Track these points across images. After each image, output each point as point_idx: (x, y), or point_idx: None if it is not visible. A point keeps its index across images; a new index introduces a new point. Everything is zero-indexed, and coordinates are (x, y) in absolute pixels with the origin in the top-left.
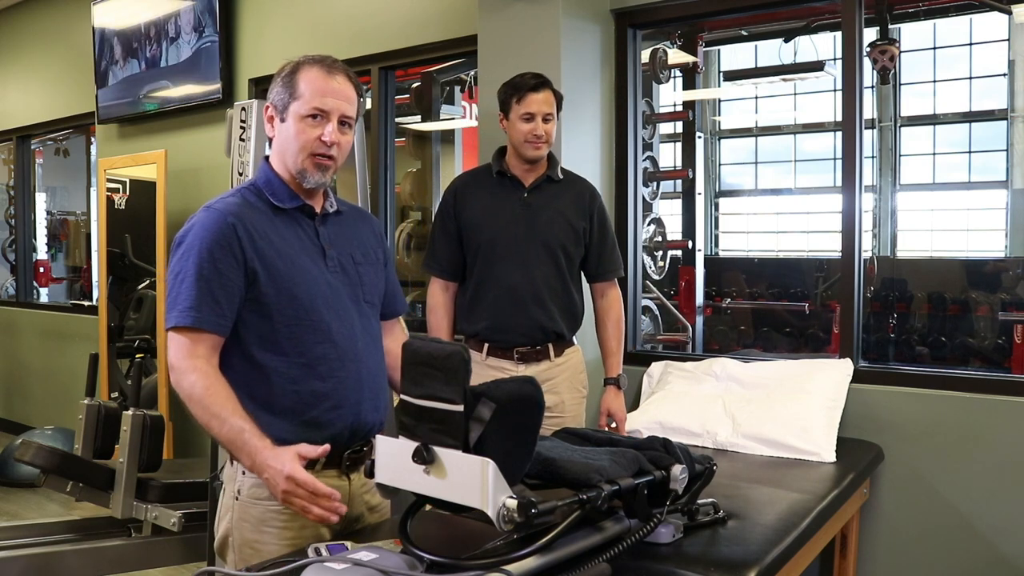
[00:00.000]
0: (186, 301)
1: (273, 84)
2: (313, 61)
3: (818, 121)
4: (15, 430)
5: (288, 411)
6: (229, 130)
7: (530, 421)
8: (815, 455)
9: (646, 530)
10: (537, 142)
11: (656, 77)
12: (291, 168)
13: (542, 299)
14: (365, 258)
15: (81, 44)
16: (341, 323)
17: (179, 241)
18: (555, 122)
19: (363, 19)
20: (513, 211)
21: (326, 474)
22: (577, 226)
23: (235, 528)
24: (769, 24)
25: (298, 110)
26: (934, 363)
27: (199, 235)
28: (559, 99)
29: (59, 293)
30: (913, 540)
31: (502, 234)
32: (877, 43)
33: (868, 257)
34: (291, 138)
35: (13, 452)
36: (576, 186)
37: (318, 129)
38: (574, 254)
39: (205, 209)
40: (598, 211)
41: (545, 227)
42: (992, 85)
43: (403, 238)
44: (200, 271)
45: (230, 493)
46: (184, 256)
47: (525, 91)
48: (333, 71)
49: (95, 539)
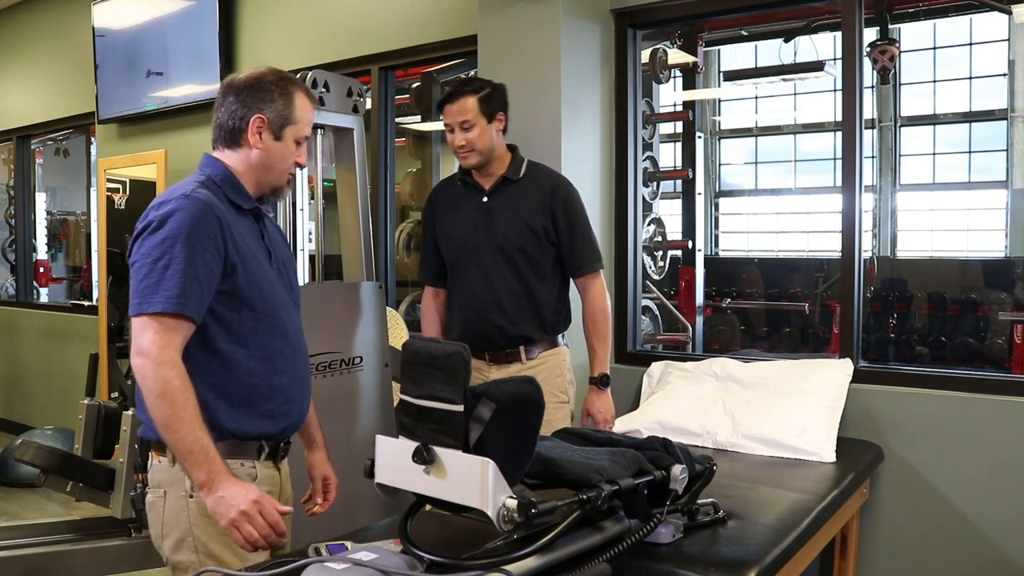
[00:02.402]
0: (174, 288)
1: (261, 96)
2: (302, 88)
3: (818, 121)
4: (15, 430)
5: (247, 402)
6: None
7: (530, 421)
8: (815, 455)
9: (646, 530)
10: (461, 151)
11: (656, 77)
12: (272, 182)
13: (502, 306)
14: (289, 261)
15: (81, 44)
16: (290, 320)
17: (155, 225)
18: (482, 126)
19: (363, 19)
20: (473, 218)
21: (265, 464)
22: (535, 225)
23: (196, 527)
24: (769, 24)
25: (295, 134)
26: (934, 363)
27: (186, 222)
28: (492, 99)
29: (59, 293)
30: (913, 540)
31: (464, 243)
32: (877, 43)
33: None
34: (285, 157)
35: (13, 452)
36: (537, 181)
37: (298, 152)
38: (536, 255)
39: (184, 197)
40: (562, 204)
41: (501, 232)
42: (992, 85)
43: (403, 238)
44: (189, 259)
45: (176, 494)
46: (168, 242)
47: (441, 104)
48: (314, 101)
49: (95, 539)
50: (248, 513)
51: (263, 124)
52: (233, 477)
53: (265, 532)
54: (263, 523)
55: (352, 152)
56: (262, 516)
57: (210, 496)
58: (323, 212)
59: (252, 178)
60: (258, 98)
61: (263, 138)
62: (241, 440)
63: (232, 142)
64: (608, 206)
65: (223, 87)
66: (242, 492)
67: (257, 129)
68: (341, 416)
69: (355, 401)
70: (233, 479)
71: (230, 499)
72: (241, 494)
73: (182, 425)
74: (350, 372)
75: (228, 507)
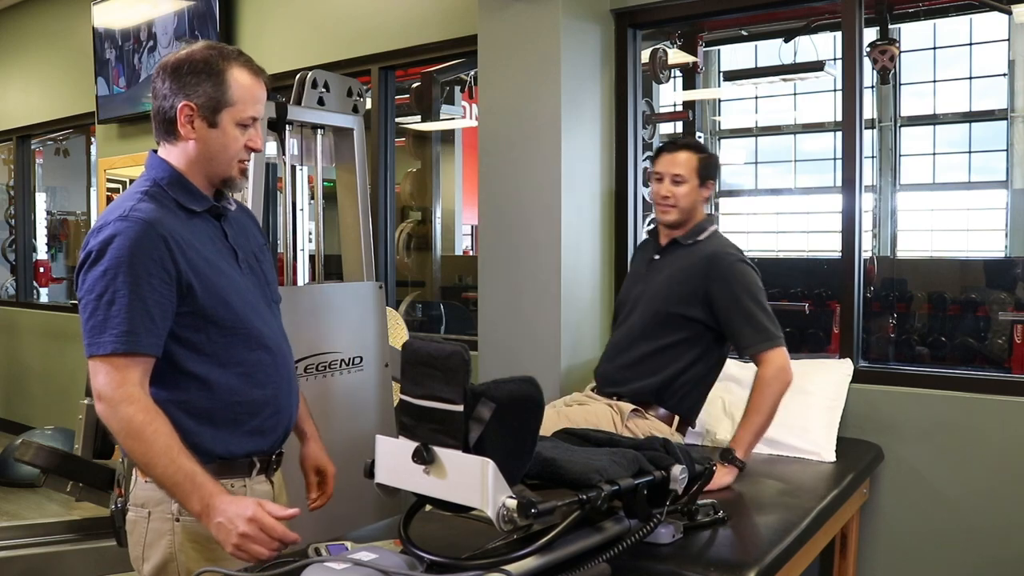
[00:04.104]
0: (121, 324)
1: (186, 78)
2: (238, 61)
3: (818, 121)
4: (15, 430)
5: (232, 422)
6: None
7: (530, 421)
8: (815, 454)
9: (646, 530)
10: (664, 203)
11: (656, 77)
12: (220, 174)
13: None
14: (263, 255)
15: (81, 44)
16: (266, 326)
17: (95, 255)
18: (692, 186)
19: (363, 19)
20: (640, 270)
21: (257, 480)
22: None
23: (179, 551)
24: (769, 24)
25: (234, 116)
26: (934, 363)
27: (127, 248)
28: (710, 164)
29: (59, 293)
30: (913, 540)
31: (627, 292)
32: (877, 43)
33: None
34: (226, 145)
35: (13, 452)
36: (699, 252)
37: (246, 136)
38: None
39: (122, 219)
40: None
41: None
42: (992, 85)
43: (403, 238)
44: (134, 290)
45: (161, 516)
46: (110, 274)
47: (659, 152)
48: (258, 73)
49: (95, 539)
50: (248, 535)
51: (192, 111)
52: (227, 496)
53: (272, 546)
54: (267, 538)
55: (352, 152)
56: (264, 531)
57: (211, 524)
58: (323, 212)
59: (198, 173)
60: (184, 83)
61: (196, 127)
62: (230, 460)
63: (169, 135)
64: (608, 206)
65: (155, 70)
66: (238, 512)
67: (187, 118)
68: (341, 416)
69: (355, 401)
70: (227, 498)
71: (228, 523)
72: (237, 515)
73: (159, 459)
74: (350, 372)
75: (228, 532)
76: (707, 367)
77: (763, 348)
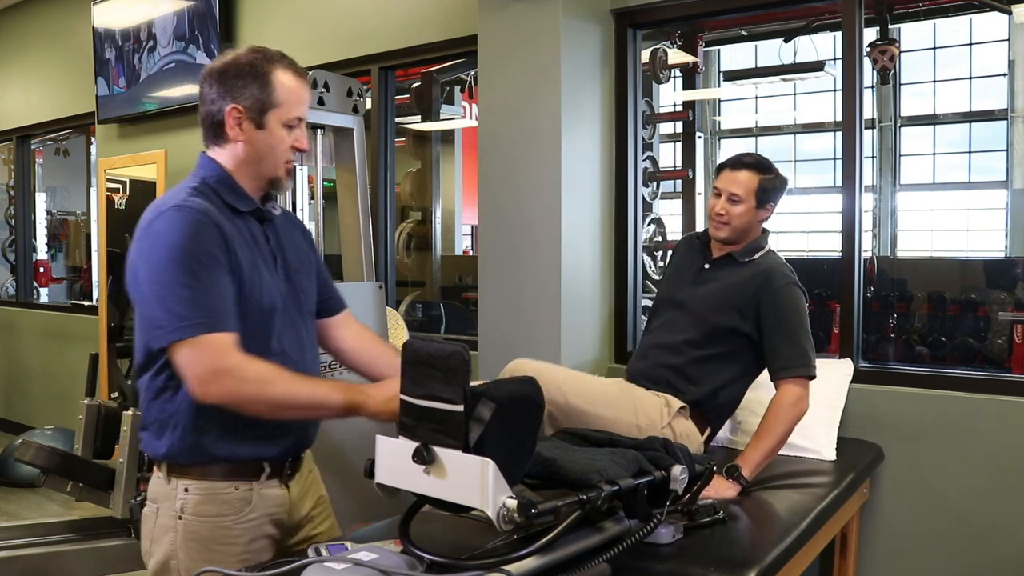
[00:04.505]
0: (200, 306)
1: (233, 81)
2: (282, 64)
3: (818, 121)
4: (15, 430)
5: (238, 428)
6: None
7: (530, 421)
8: (815, 452)
9: (646, 530)
10: (718, 219)
11: (656, 77)
12: (267, 174)
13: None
14: (301, 265)
15: (81, 44)
16: (291, 333)
17: (155, 243)
18: (749, 206)
19: (363, 19)
20: (688, 276)
21: (268, 484)
22: (731, 307)
23: (180, 549)
24: (769, 24)
25: (281, 117)
26: (934, 363)
27: (189, 235)
28: (773, 187)
29: (59, 293)
30: (913, 540)
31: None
32: (877, 43)
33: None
34: (273, 146)
35: (13, 452)
36: (756, 269)
37: (292, 136)
38: (720, 334)
39: (177, 208)
40: (768, 299)
41: (701, 298)
42: (992, 85)
43: (403, 238)
44: (202, 274)
45: (167, 512)
46: (176, 260)
47: (721, 166)
48: (302, 75)
49: (95, 539)
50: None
51: (240, 114)
52: (363, 385)
53: None
54: None
55: (352, 152)
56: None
57: (372, 411)
58: (323, 212)
59: (247, 174)
60: (231, 86)
61: (244, 129)
62: (237, 463)
63: (217, 137)
64: (608, 206)
65: (201, 77)
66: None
67: (235, 121)
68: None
69: None
70: (366, 386)
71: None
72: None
73: (288, 399)
74: (350, 372)
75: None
76: (743, 387)
77: (798, 373)
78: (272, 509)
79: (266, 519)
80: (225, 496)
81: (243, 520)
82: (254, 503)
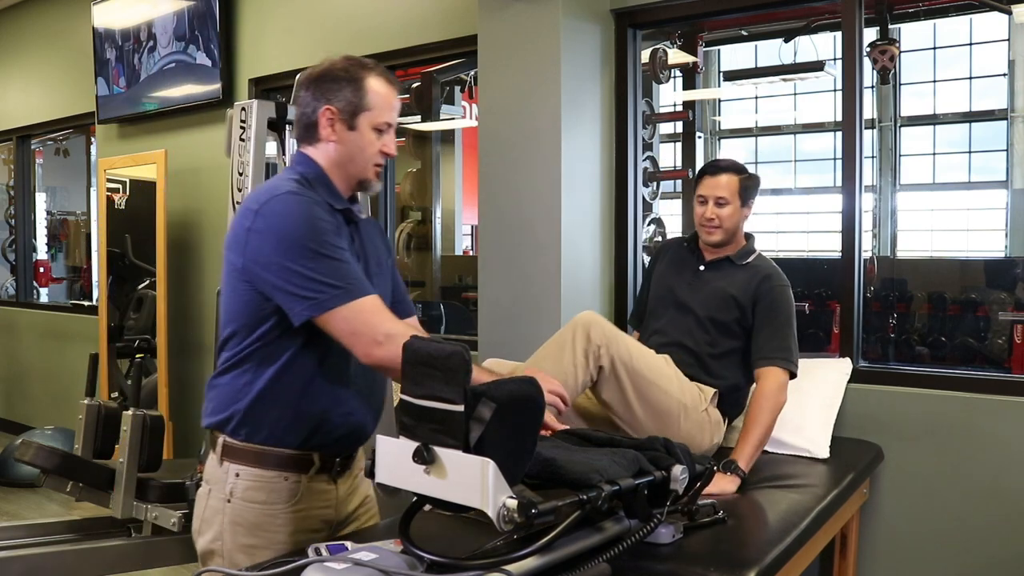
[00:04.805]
0: (347, 276)
1: (328, 84)
2: (376, 71)
3: (818, 121)
4: (15, 430)
5: (297, 416)
6: (229, 130)
7: (530, 421)
8: (807, 451)
9: (646, 530)
10: (708, 225)
11: (656, 77)
12: (357, 175)
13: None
14: (380, 268)
15: (81, 44)
16: None
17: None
18: (735, 207)
19: (363, 19)
20: (685, 278)
21: (316, 479)
22: (733, 304)
23: (226, 532)
24: (769, 24)
25: (371, 121)
26: (934, 363)
27: (309, 216)
28: (751, 185)
29: (59, 293)
30: (913, 540)
31: (670, 294)
32: (877, 43)
33: (868, 257)
34: (363, 147)
35: (13, 452)
36: (753, 270)
37: (381, 140)
38: (723, 332)
39: (292, 194)
40: (766, 294)
41: (703, 298)
42: (992, 85)
43: (403, 238)
44: (330, 248)
45: (219, 495)
46: (301, 239)
47: (700, 174)
48: (393, 83)
49: (95, 539)
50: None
51: (333, 115)
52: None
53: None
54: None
55: None
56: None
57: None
58: None
59: (338, 174)
60: (325, 88)
61: (336, 129)
62: (286, 452)
63: (310, 137)
64: (608, 206)
65: (297, 83)
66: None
67: (328, 121)
68: None
69: None
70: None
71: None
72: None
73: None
74: None
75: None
76: (751, 386)
77: (777, 363)
78: (318, 503)
79: (312, 512)
80: (274, 484)
81: (289, 510)
82: (301, 494)
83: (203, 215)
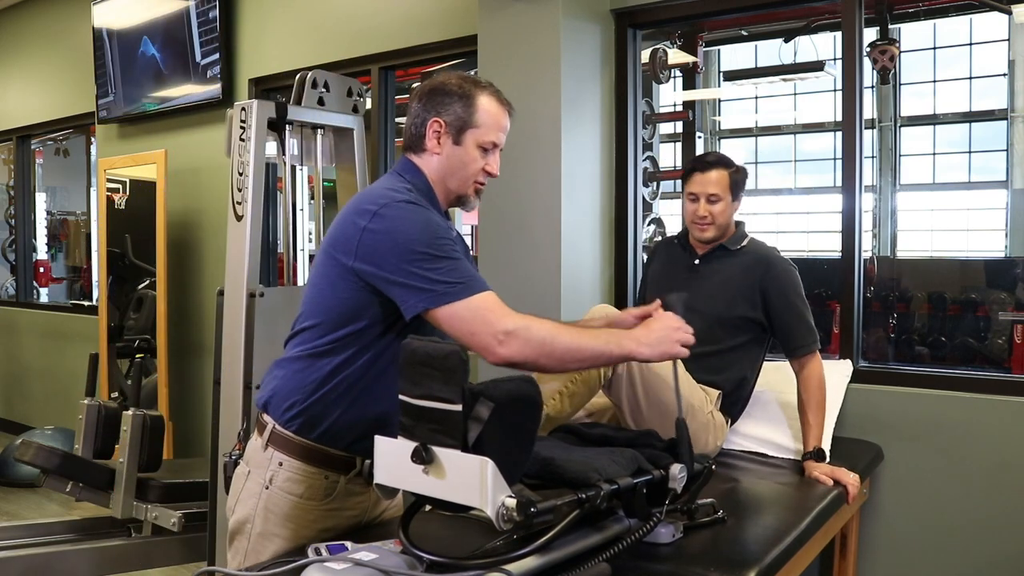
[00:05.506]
0: (465, 273)
1: (440, 98)
2: (489, 91)
3: (818, 121)
4: (15, 430)
5: (351, 421)
6: (229, 130)
7: (529, 420)
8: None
9: (645, 530)
10: (701, 223)
11: (656, 77)
12: (456, 189)
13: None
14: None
15: (81, 44)
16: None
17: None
18: (727, 202)
19: (363, 19)
20: (681, 275)
21: (354, 481)
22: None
23: (258, 515)
24: (769, 24)
25: (477, 138)
26: (934, 363)
27: (427, 221)
28: (740, 179)
29: (59, 293)
30: (913, 540)
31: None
32: (877, 43)
33: (868, 257)
34: (466, 163)
35: (13, 452)
36: (751, 257)
37: (485, 159)
38: (730, 325)
39: (408, 203)
40: (774, 284)
41: (705, 293)
42: (992, 85)
43: None
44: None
45: (257, 479)
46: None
47: (689, 171)
48: (505, 104)
49: (95, 539)
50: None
51: (441, 128)
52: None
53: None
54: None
55: (352, 152)
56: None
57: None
58: (323, 212)
59: (440, 187)
60: (437, 102)
61: (441, 142)
62: (331, 450)
63: (417, 147)
64: (608, 206)
65: (411, 95)
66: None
67: (435, 133)
68: None
69: None
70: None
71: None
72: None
73: (572, 352)
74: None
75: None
76: (756, 378)
77: (812, 347)
78: (350, 504)
79: (343, 512)
80: (313, 480)
81: (322, 507)
82: (337, 494)
83: (203, 215)
